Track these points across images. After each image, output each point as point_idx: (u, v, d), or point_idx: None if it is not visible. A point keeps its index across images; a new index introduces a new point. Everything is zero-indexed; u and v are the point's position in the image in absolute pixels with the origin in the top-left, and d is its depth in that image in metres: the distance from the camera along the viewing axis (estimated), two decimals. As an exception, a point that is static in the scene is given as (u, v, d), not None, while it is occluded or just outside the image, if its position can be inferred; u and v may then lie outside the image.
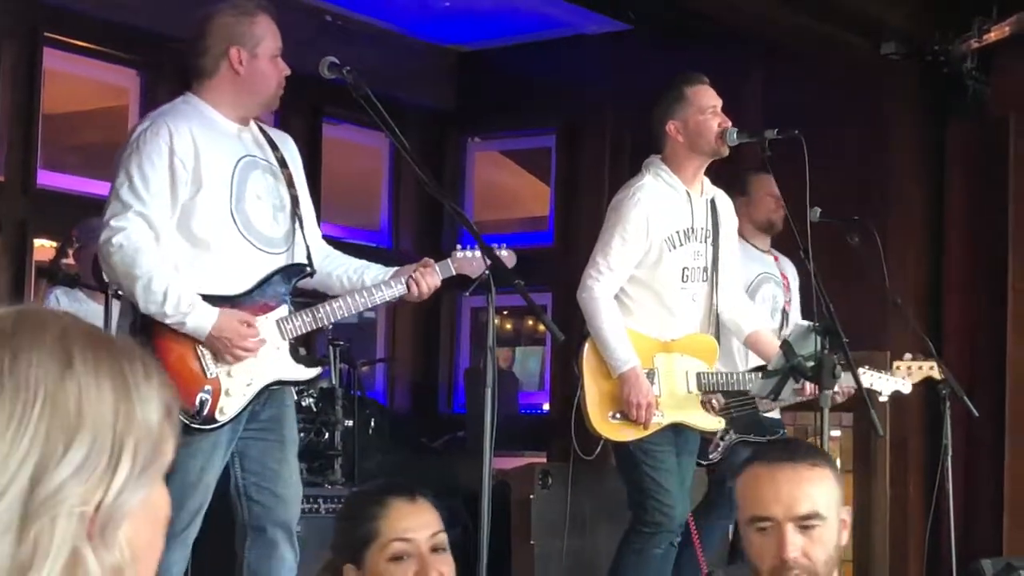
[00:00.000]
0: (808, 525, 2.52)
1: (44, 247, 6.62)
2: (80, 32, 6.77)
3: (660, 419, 4.77)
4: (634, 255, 4.79)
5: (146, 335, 3.70)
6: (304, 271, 4.00)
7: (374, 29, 7.71)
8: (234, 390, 3.83)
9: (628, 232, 4.78)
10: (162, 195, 3.77)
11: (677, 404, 4.84)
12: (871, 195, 6.78)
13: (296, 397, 4.48)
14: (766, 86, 7.28)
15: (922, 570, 6.56)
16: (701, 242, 4.89)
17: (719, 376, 4.93)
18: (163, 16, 6.56)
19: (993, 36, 6.67)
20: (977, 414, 5.20)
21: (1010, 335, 6.81)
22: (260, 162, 3.95)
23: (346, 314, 4.00)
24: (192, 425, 3.72)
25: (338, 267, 4.08)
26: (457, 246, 4.16)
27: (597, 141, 7.84)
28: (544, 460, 7.15)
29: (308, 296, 4.17)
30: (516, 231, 8.11)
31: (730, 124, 4.81)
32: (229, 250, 3.85)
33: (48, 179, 6.71)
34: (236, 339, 3.78)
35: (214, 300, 3.80)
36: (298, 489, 4.00)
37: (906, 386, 5.11)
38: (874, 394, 4.98)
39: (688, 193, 4.88)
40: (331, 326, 4.36)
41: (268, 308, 3.91)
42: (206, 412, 3.76)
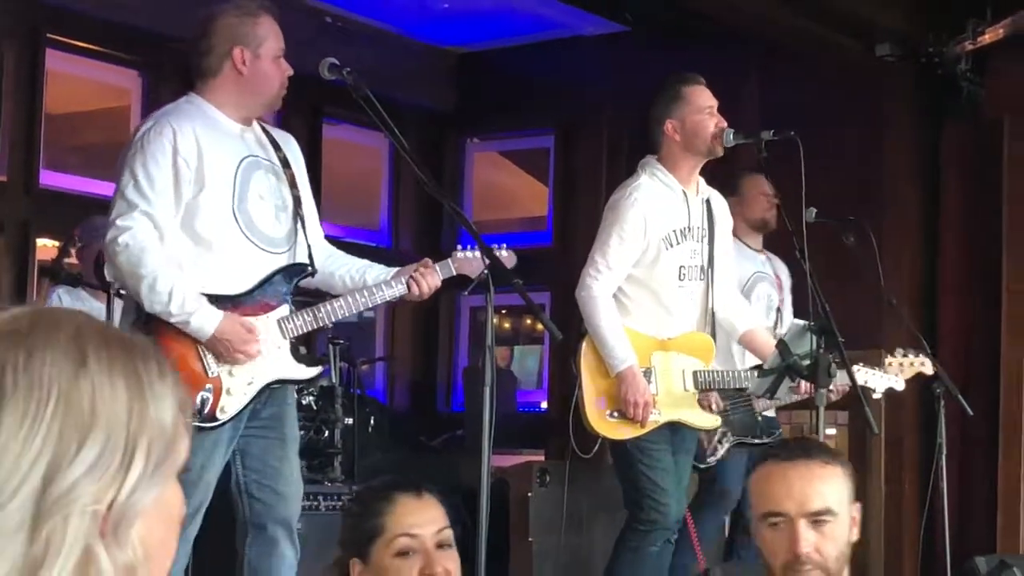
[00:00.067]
0: (820, 521, 2.55)
1: (46, 247, 6.62)
2: (82, 33, 6.77)
3: (657, 417, 4.77)
4: (632, 254, 4.80)
5: (148, 334, 3.67)
6: (305, 271, 4.00)
7: (373, 30, 7.72)
8: (235, 389, 3.84)
9: (626, 231, 4.79)
10: (167, 194, 3.78)
11: (674, 402, 4.84)
12: (867, 196, 6.78)
13: (296, 395, 4.50)
14: (762, 87, 7.30)
15: (917, 567, 6.60)
16: (697, 241, 4.90)
17: (715, 374, 4.93)
18: (164, 17, 6.57)
19: (987, 38, 6.69)
20: (971, 413, 5.21)
21: (1004, 335, 6.82)
22: (263, 162, 3.96)
23: (347, 313, 4.01)
24: (193, 423, 3.73)
25: (340, 267, 4.08)
26: (457, 246, 4.16)
27: (595, 142, 7.84)
28: (542, 458, 7.17)
29: (310, 296, 4.18)
30: (515, 231, 8.10)
31: (726, 124, 4.83)
32: (231, 249, 3.86)
33: (50, 179, 6.70)
34: (237, 343, 3.78)
35: (216, 299, 3.81)
36: (299, 487, 4.00)
37: (899, 383, 5.12)
38: (868, 391, 4.99)
39: (684, 192, 4.89)
40: (331, 325, 4.38)
41: (269, 307, 3.92)
42: (207, 410, 3.76)
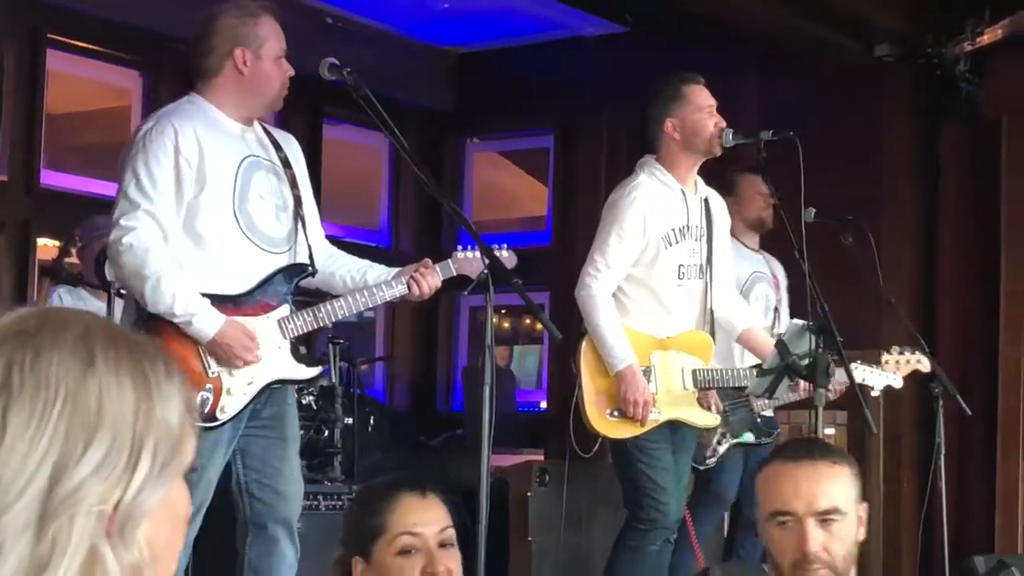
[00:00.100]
0: (828, 520, 2.57)
1: (47, 246, 6.62)
2: (82, 33, 6.77)
3: (657, 416, 4.78)
4: (631, 253, 4.80)
5: (149, 333, 3.66)
6: (306, 271, 4.01)
7: (373, 30, 7.73)
8: (235, 389, 3.85)
9: (625, 230, 4.79)
10: (169, 193, 3.79)
11: (674, 401, 4.85)
12: (865, 196, 6.78)
13: (296, 395, 4.51)
14: (762, 87, 7.31)
15: (915, 567, 6.61)
16: (696, 240, 4.90)
17: (715, 373, 4.94)
18: (165, 17, 6.57)
19: (986, 39, 6.70)
20: (970, 413, 5.21)
21: (1002, 335, 6.82)
22: (263, 162, 3.96)
23: (347, 314, 4.02)
24: (194, 423, 3.74)
25: (341, 267, 4.09)
26: (458, 247, 4.17)
27: (595, 142, 7.85)
28: (542, 458, 7.17)
29: (311, 296, 4.19)
30: (514, 231, 8.10)
31: (725, 124, 4.85)
32: (231, 249, 3.87)
33: (51, 179, 6.70)
34: (237, 348, 3.79)
35: (216, 299, 3.82)
36: (299, 486, 4.01)
37: (897, 380, 5.10)
38: (866, 389, 4.99)
39: (683, 191, 4.89)
40: (331, 325, 4.39)
41: (269, 307, 3.93)
42: (207, 410, 3.77)
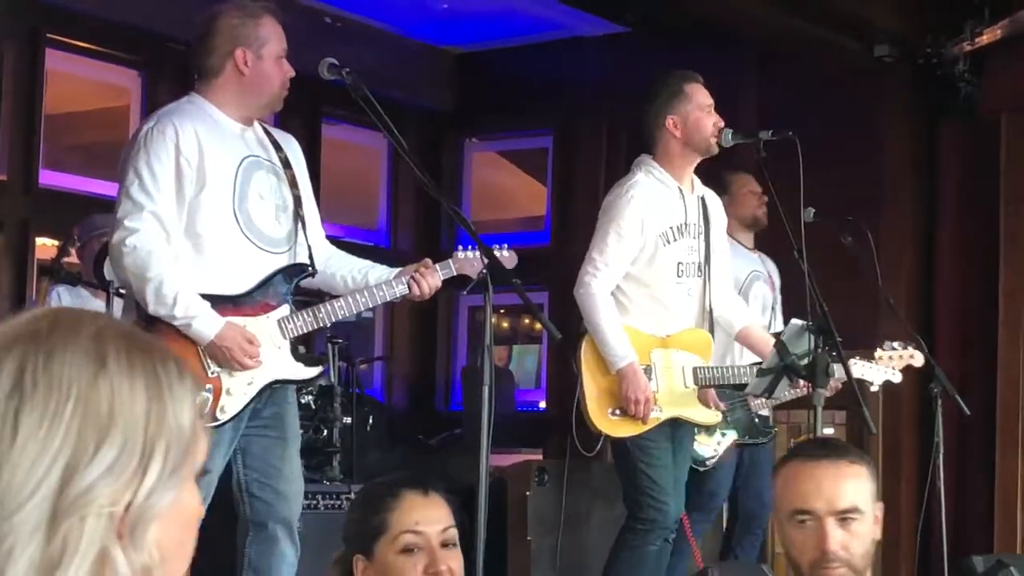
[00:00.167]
0: (848, 519, 2.58)
1: (45, 246, 6.63)
2: (81, 33, 6.76)
3: (658, 414, 4.78)
4: (630, 251, 4.81)
5: (148, 332, 3.73)
6: (306, 271, 4.01)
7: (372, 30, 7.73)
8: (235, 389, 3.85)
9: (623, 228, 4.79)
10: (170, 192, 3.79)
11: (675, 399, 4.85)
12: (864, 196, 6.78)
13: (295, 394, 4.51)
14: (762, 88, 7.32)
15: (914, 566, 6.61)
16: (694, 238, 4.91)
17: (715, 370, 4.94)
18: (164, 16, 6.57)
19: (985, 39, 6.71)
20: (968, 413, 5.21)
21: (1001, 335, 6.83)
22: (263, 162, 3.97)
23: (347, 314, 4.01)
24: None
25: (342, 267, 4.09)
26: (459, 246, 4.17)
27: (594, 142, 7.86)
28: (540, 457, 7.18)
29: (311, 296, 4.20)
30: (513, 231, 8.11)
31: (723, 124, 4.86)
32: (231, 249, 3.87)
33: (50, 178, 6.70)
34: (236, 351, 3.80)
35: (216, 299, 3.83)
36: (300, 486, 4.02)
37: (896, 375, 5.08)
38: (865, 385, 5.00)
39: (680, 189, 4.90)
40: (330, 325, 4.39)
41: (269, 307, 3.93)
42: (207, 410, 3.78)
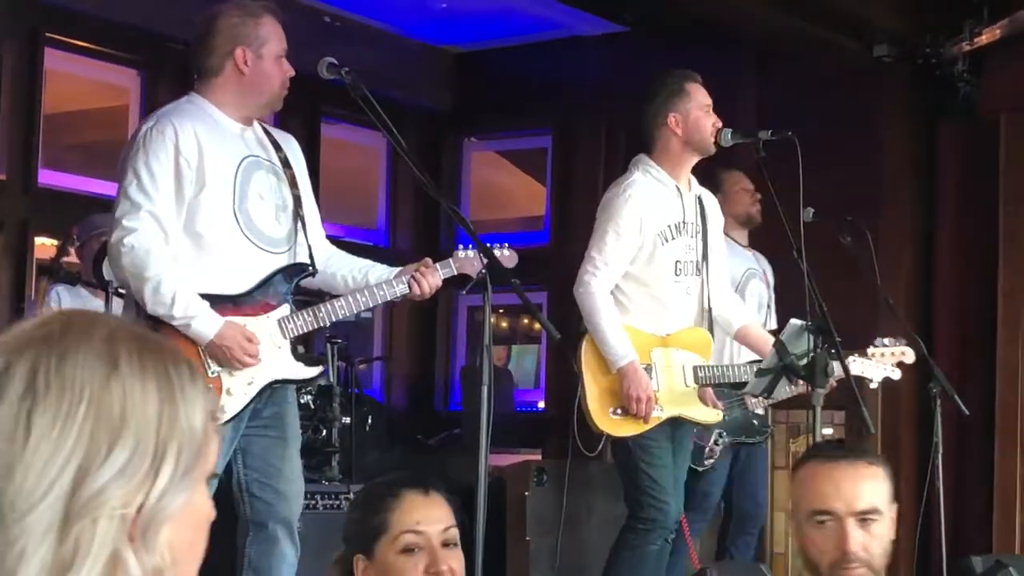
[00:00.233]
0: (867, 520, 2.60)
1: (45, 245, 6.63)
2: (81, 32, 6.76)
3: (659, 413, 4.79)
4: (628, 250, 4.81)
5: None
6: (306, 271, 4.01)
7: (372, 30, 7.73)
8: (235, 389, 3.85)
9: (621, 227, 4.80)
10: (169, 192, 3.79)
11: (675, 398, 4.85)
12: (864, 195, 6.78)
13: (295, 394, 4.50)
14: (761, 87, 7.32)
15: (912, 567, 6.61)
16: (692, 236, 4.92)
17: (715, 369, 4.95)
18: (163, 16, 6.57)
19: (984, 39, 6.71)
20: (967, 413, 5.21)
21: (1000, 334, 6.83)
22: (263, 162, 3.97)
23: (348, 313, 4.01)
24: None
25: (342, 267, 4.09)
26: (459, 246, 4.17)
27: (593, 142, 7.86)
28: (539, 458, 7.19)
29: (312, 296, 4.20)
30: (512, 231, 8.11)
31: (721, 124, 4.88)
32: (231, 249, 3.87)
33: (49, 178, 6.70)
34: (236, 350, 3.79)
35: (215, 299, 3.83)
36: (300, 486, 4.02)
37: (895, 372, 5.09)
38: (865, 381, 5.00)
39: (678, 188, 4.91)
40: (331, 325, 4.39)
41: (269, 307, 3.93)
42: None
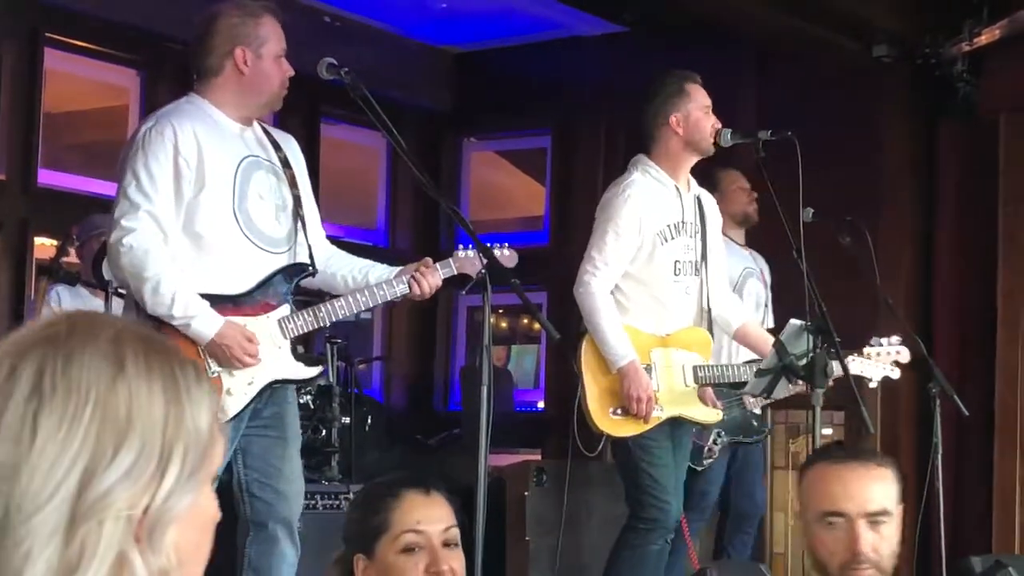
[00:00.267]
0: (877, 521, 2.61)
1: (44, 245, 6.63)
2: (80, 32, 6.76)
3: (660, 413, 4.79)
4: (628, 250, 4.82)
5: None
6: (306, 270, 4.01)
7: (371, 30, 7.73)
8: (235, 389, 3.85)
9: (621, 227, 4.81)
10: (168, 193, 3.79)
11: (675, 398, 4.86)
12: (863, 196, 6.78)
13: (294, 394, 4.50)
14: (761, 87, 7.32)
15: (912, 567, 6.61)
16: (690, 236, 4.93)
17: (715, 369, 4.95)
18: (163, 16, 6.57)
19: (984, 39, 6.72)
20: (967, 413, 5.21)
21: (1000, 335, 6.83)
22: (263, 162, 3.97)
23: (348, 313, 4.01)
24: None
25: (342, 267, 4.09)
26: (459, 245, 4.17)
27: (593, 142, 7.86)
28: (539, 458, 7.19)
29: (312, 296, 4.20)
30: (511, 231, 8.11)
31: (720, 126, 4.88)
32: (231, 249, 3.87)
33: (48, 178, 6.69)
34: (236, 349, 3.79)
35: (216, 299, 3.83)
36: (300, 486, 4.02)
37: (894, 372, 5.08)
38: (864, 381, 4.99)
39: (677, 188, 4.92)
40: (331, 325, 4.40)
41: (269, 307, 3.93)
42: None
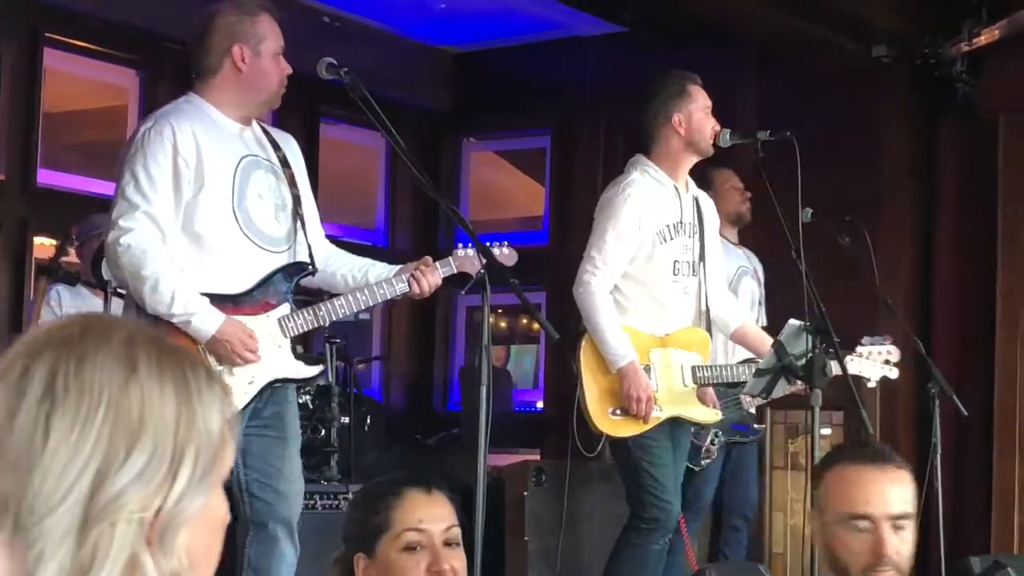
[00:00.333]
0: (900, 525, 2.62)
1: (44, 245, 6.63)
2: (80, 32, 6.76)
3: (659, 414, 4.80)
4: (627, 249, 4.82)
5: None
6: (305, 270, 4.02)
7: (371, 30, 7.73)
8: (236, 388, 3.83)
9: (620, 227, 4.81)
10: (167, 193, 3.80)
11: (674, 399, 4.86)
12: (863, 196, 6.78)
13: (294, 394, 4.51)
14: (760, 88, 7.32)
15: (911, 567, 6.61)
16: (689, 236, 4.94)
17: (714, 369, 4.96)
18: (163, 16, 6.57)
19: (983, 39, 6.72)
20: (966, 413, 5.21)
21: (999, 335, 6.83)
22: (262, 161, 3.97)
23: (347, 312, 4.02)
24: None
25: (342, 266, 4.10)
26: (459, 245, 4.17)
27: (592, 142, 7.86)
28: (538, 458, 7.19)
29: (312, 295, 4.20)
30: (511, 231, 8.11)
31: (720, 127, 4.89)
32: (231, 249, 3.88)
33: (48, 178, 6.69)
34: (237, 346, 3.80)
35: (216, 299, 3.83)
36: (300, 485, 4.02)
37: (893, 371, 5.07)
38: (863, 381, 5.00)
39: (676, 188, 4.94)
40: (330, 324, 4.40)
41: (269, 306, 3.93)
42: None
